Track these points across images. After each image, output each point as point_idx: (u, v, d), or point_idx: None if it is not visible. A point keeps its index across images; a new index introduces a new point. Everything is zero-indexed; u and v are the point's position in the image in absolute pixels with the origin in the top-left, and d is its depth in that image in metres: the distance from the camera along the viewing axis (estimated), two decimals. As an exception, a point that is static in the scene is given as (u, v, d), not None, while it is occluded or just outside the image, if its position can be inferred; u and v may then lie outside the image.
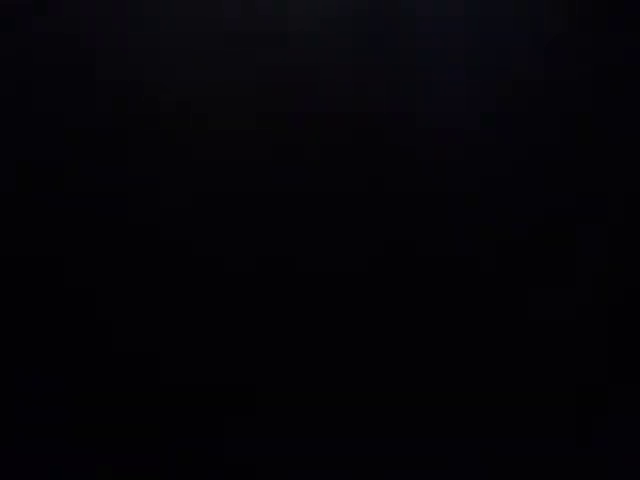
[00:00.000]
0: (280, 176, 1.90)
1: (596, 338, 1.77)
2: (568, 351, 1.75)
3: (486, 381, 1.73)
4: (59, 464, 1.64)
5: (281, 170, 1.91)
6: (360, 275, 1.81)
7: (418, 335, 1.77)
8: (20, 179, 1.88)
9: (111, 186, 1.88)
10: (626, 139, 1.94)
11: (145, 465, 1.65)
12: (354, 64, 1.99)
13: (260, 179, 1.90)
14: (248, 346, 1.75)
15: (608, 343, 1.77)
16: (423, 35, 2.00)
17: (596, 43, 1.99)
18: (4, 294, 1.78)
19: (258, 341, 1.76)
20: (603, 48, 1.99)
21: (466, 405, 1.70)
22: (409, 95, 1.97)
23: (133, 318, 1.77)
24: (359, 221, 1.86)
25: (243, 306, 1.79)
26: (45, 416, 1.68)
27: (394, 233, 1.85)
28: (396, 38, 2.00)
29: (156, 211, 1.86)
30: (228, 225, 1.86)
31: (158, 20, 2.00)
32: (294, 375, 1.73)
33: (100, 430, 1.67)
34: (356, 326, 1.77)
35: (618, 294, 1.80)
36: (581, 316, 1.78)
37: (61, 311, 1.77)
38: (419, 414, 1.69)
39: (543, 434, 1.68)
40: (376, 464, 1.66)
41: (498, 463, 1.66)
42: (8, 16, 1.97)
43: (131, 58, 1.97)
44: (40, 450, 1.65)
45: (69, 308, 1.77)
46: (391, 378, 1.73)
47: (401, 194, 1.88)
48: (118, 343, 1.74)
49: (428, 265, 1.81)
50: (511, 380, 1.73)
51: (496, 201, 1.88)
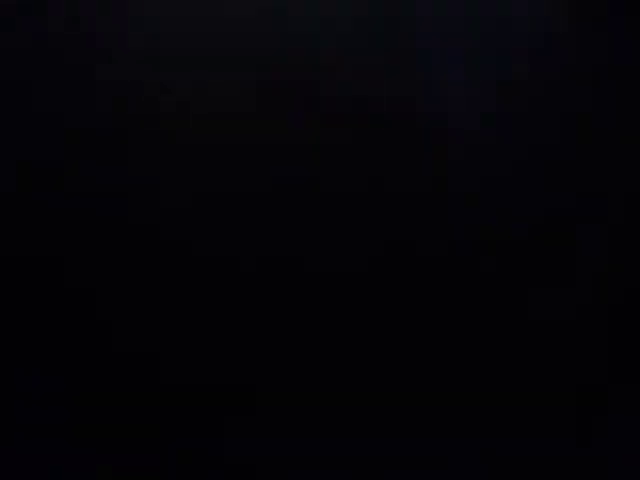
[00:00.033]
0: (280, 176, 1.90)
1: (596, 338, 1.77)
2: (568, 351, 1.75)
3: (486, 381, 1.73)
4: (59, 464, 1.64)
5: (281, 170, 1.91)
6: (360, 275, 1.81)
7: (418, 335, 1.77)
8: (20, 179, 1.88)
9: (111, 186, 1.88)
10: (626, 139, 1.94)
11: (145, 465, 1.65)
12: (354, 64, 1.99)
13: (260, 179, 1.90)
14: (248, 346, 1.75)
15: (608, 343, 1.77)
16: (423, 35, 2.00)
17: (596, 43, 1.99)
18: (4, 294, 1.78)
19: (258, 341, 1.76)
20: (603, 48, 1.99)
21: (466, 405, 1.70)
22: (409, 95, 1.97)
23: (133, 318, 1.77)
24: (359, 221, 1.86)
25: (243, 306, 1.79)
26: (45, 416, 1.68)
27: (394, 233, 1.85)
28: (396, 38, 2.00)
29: (156, 211, 1.86)
30: (228, 225, 1.86)
31: (158, 20, 2.00)
32: (294, 375, 1.73)
33: (100, 430, 1.67)
34: (356, 326, 1.77)
35: (618, 294, 1.80)
36: (581, 316, 1.78)
37: (61, 311, 1.77)
38: (419, 414, 1.69)
39: (543, 434, 1.68)
40: (376, 464, 1.66)
41: (498, 463, 1.66)
42: (8, 16, 1.97)
43: (131, 58, 1.97)
44: (40, 450, 1.65)
45: (69, 308, 1.77)
46: (391, 378, 1.73)
47: (401, 194, 1.88)
48: (118, 343, 1.74)
49: (428, 265, 1.81)
50: (511, 380, 1.73)
51: (496, 201, 1.88)
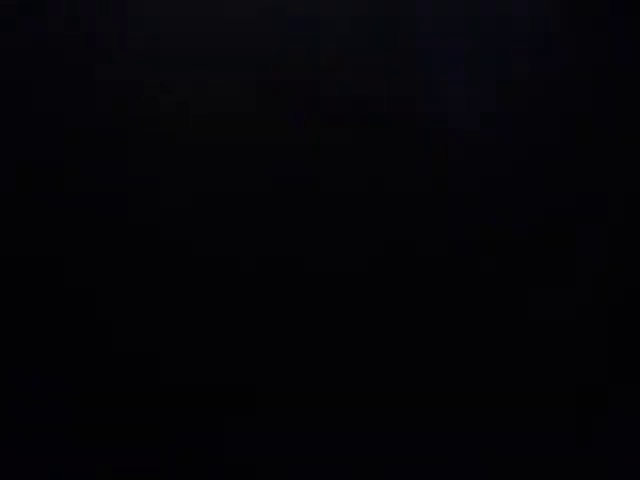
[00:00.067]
0: (280, 176, 1.90)
1: (596, 338, 1.77)
2: (568, 351, 1.75)
3: (486, 381, 1.73)
4: (59, 464, 1.64)
5: (281, 170, 1.91)
6: (360, 275, 1.81)
7: (418, 335, 1.77)
8: (20, 179, 1.88)
9: (111, 186, 1.88)
10: (626, 139, 1.94)
11: (145, 465, 1.65)
12: (354, 64, 1.99)
13: (260, 179, 1.90)
14: (248, 346, 1.75)
15: (608, 343, 1.77)
16: (423, 35, 2.00)
17: (596, 43, 1.99)
18: (4, 294, 1.78)
19: (258, 341, 1.76)
20: (603, 48, 1.99)
21: (466, 405, 1.70)
22: (409, 95, 1.97)
23: (133, 318, 1.77)
24: (359, 221, 1.86)
25: (243, 306, 1.79)
26: (45, 416, 1.68)
27: (394, 233, 1.85)
28: (396, 38, 2.00)
29: (156, 211, 1.86)
30: (228, 225, 1.86)
31: (158, 20, 2.00)
32: (294, 375, 1.73)
33: (100, 430, 1.67)
34: (356, 326, 1.77)
35: (618, 294, 1.80)
36: (581, 316, 1.78)
37: (61, 311, 1.77)
38: (419, 414, 1.69)
39: (543, 434, 1.68)
40: (376, 464, 1.66)
41: (498, 463, 1.66)
42: (8, 16, 1.97)
43: (131, 58, 1.97)
44: (40, 450, 1.65)
45: (69, 308, 1.77)
46: (391, 378, 1.73)
47: (401, 194, 1.88)
48: (118, 343, 1.74)
49: (428, 265, 1.81)
50: (511, 380, 1.73)
51: (496, 201, 1.88)
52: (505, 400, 1.71)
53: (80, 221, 1.84)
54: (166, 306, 1.78)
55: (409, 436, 1.68)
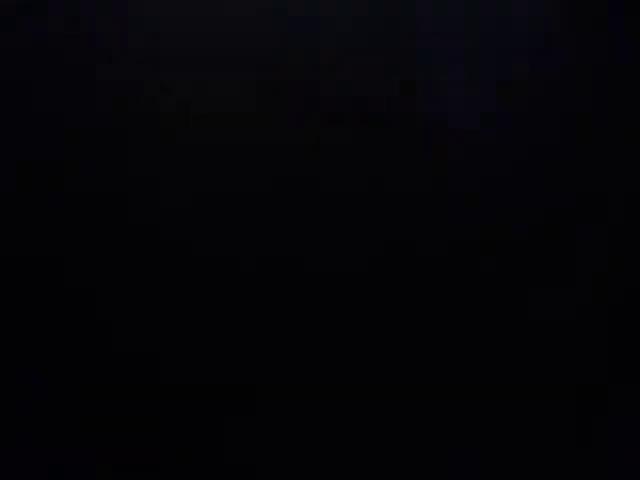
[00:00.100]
0: (280, 176, 1.90)
1: (596, 338, 1.77)
2: (568, 351, 1.75)
3: (486, 381, 1.73)
4: (59, 464, 1.64)
5: (281, 170, 1.91)
6: (360, 275, 1.81)
7: (418, 335, 1.77)
8: (20, 179, 1.88)
9: (111, 186, 1.88)
10: (626, 139, 1.94)
11: (145, 465, 1.65)
12: (354, 64, 1.99)
13: (260, 179, 1.90)
14: (248, 346, 1.75)
15: (608, 343, 1.77)
16: (423, 35, 2.00)
17: (596, 43, 1.99)
18: (4, 294, 1.78)
19: (258, 341, 1.76)
20: (603, 48, 1.99)
21: (466, 405, 1.70)
22: (409, 95, 1.97)
23: (133, 318, 1.77)
24: (359, 221, 1.86)
25: (243, 306, 1.79)
26: (45, 416, 1.68)
27: (394, 233, 1.85)
28: (396, 38, 2.00)
29: (156, 211, 1.86)
30: (228, 225, 1.86)
31: (158, 20, 2.00)
32: (294, 375, 1.73)
33: (100, 430, 1.67)
34: (356, 326, 1.77)
35: (618, 294, 1.80)
36: (581, 316, 1.78)
37: (61, 311, 1.77)
38: (419, 414, 1.69)
39: (543, 434, 1.68)
40: (376, 464, 1.66)
41: (498, 463, 1.66)
42: (8, 16, 1.97)
43: (131, 58, 1.97)
44: (40, 450, 1.65)
45: (69, 308, 1.77)
46: (391, 378, 1.73)
47: (401, 194, 1.88)
48: (118, 343, 1.74)
49: (428, 265, 1.81)
50: (511, 380, 1.73)
51: (496, 201, 1.88)
52: (505, 400, 1.71)
53: (80, 221, 1.84)
54: (166, 306, 1.78)
55: (409, 436, 1.68)
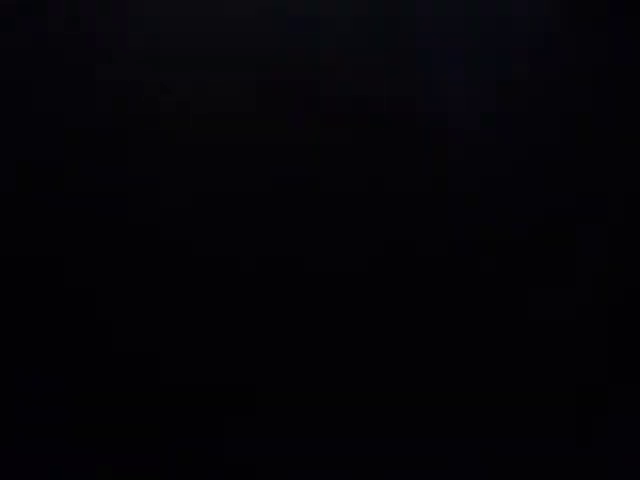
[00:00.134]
0: (280, 176, 1.90)
1: (596, 338, 1.77)
2: (568, 351, 1.75)
3: (486, 381, 1.73)
4: (59, 464, 1.64)
5: (281, 170, 1.91)
6: (360, 275, 1.81)
7: (418, 335, 1.77)
8: (20, 179, 1.88)
9: (111, 186, 1.88)
10: (626, 139, 1.94)
11: (145, 465, 1.65)
12: (354, 64, 1.99)
13: (260, 179, 1.90)
14: (248, 346, 1.75)
15: (608, 343, 1.77)
16: (423, 35, 2.00)
17: (596, 43, 1.99)
18: (4, 294, 1.78)
19: (258, 341, 1.76)
20: (603, 48, 1.99)
21: (466, 405, 1.70)
22: (409, 95, 1.97)
23: (133, 318, 1.77)
24: (359, 221, 1.86)
25: (243, 306, 1.79)
26: (45, 416, 1.68)
27: (394, 233, 1.85)
28: (396, 38, 2.00)
29: (156, 211, 1.86)
30: (228, 225, 1.86)
31: (158, 20, 2.00)
32: (294, 375, 1.73)
33: (100, 430, 1.67)
34: (356, 326, 1.77)
35: (618, 294, 1.80)
36: (581, 316, 1.78)
37: (61, 311, 1.77)
38: (419, 414, 1.69)
39: (543, 434, 1.68)
40: (376, 464, 1.66)
41: (498, 463, 1.66)
42: (8, 16, 1.97)
43: (131, 58, 1.97)
44: (40, 450, 1.65)
45: (69, 308, 1.77)
46: (391, 378, 1.73)
47: (401, 194, 1.88)
48: (118, 343, 1.74)
49: (428, 265, 1.81)
50: (511, 380, 1.73)
51: (496, 201, 1.88)
52: (505, 400, 1.71)
53: (80, 221, 1.84)
54: (166, 306, 1.78)
55: (409, 436, 1.68)
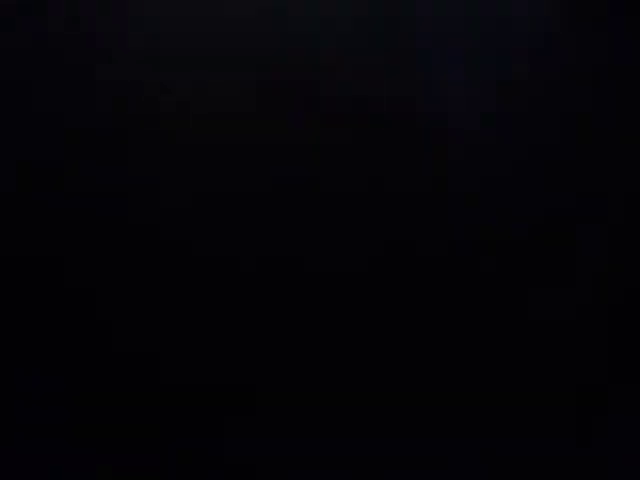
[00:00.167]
0: (280, 176, 1.90)
1: (596, 338, 1.77)
2: (568, 351, 1.75)
3: (486, 381, 1.72)
4: (59, 464, 1.64)
5: (281, 170, 1.91)
6: (360, 275, 1.81)
7: (418, 335, 1.77)
8: (20, 179, 1.88)
9: (111, 186, 1.88)
10: (626, 139, 1.94)
11: (145, 465, 1.65)
12: (354, 64, 1.99)
13: (260, 179, 1.90)
14: (248, 346, 1.75)
15: (608, 343, 1.77)
16: (423, 35, 2.00)
17: (596, 43, 1.99)
18: (4, 294, 1.78)
19: (258, 341, 1.76)
20: (603, 48, 1.99)
21: (466, 405, 1.70)
22: (409, 95, 1.97)
23: (133, 318, 1.77)
24: (359, 221, 1.86)
25: (243, 306, 1.79)
26: (45, 416, 1.68)
27: (394, 233, 1.85)
28: (396, 38, 2.00)
29: (156, 211, 1.86)
30: (228, 225, 1.86)
31: (158, 20, 2.00)
32: (294, 375, 1.73)
33: (100, 430, 1.67)
34: (356, 326, 1.77)
35: (618, 294, 1.80)
36: (581, 316, 1.78)
37: (61, 311, 1.77)
38: (419, 414, 1.69)
39: (543, 434, 1.68)
40: (376, 464, 1.66)
41: (498, 463, 1.66)
42: (8, 16, 1.97)
43: (131, 58, 1.97)
44: (40, 450, 1.65)
45: (69, 308, 1.77)
46: (391, 378, 1.73)
47: (401, 194, 1.88)
48: (118, 343, 1.74)
49: (428, 265, 1.81)
50: (511, 380, 1.73)
51: (496, 201, 1.88)
52: (505, 400, 1.71)
53: (80, 221, 1.84)
54: (166, 306, 1.78)
55: (409, 436, 1.68)
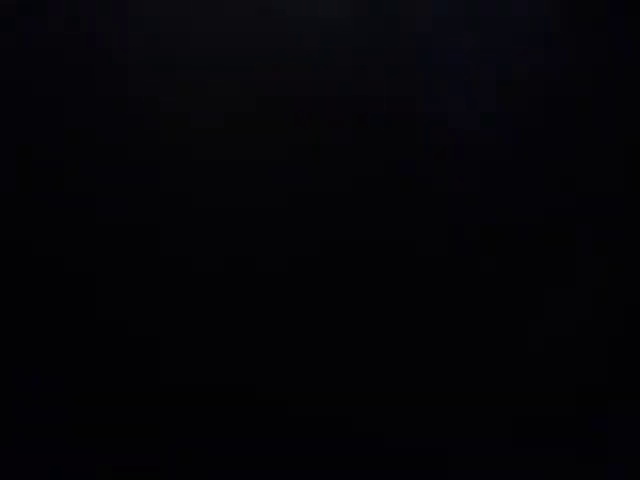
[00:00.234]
0: (280, 176, 1.90)
1: (596, 338, 1.77)
2: (568, 351, 1.75)
3: (486, 381, 1.73)
4: (59, 464, 1.64)
5: (281, 170, 1.91)
6: (360, 275, 1.81)
7: (418, 335, 1.77)
8: (20, 179, 1.88)
9: (111, 186, 1.88)
10: (626, 139, 1.94)
11: (145, 465, 1.65)
12: (354, 64, 1.99)
13: (260, 179, 1.90)
14: (248, 346, 1.75)
15: (608, 343, 1.77)
16: (423, 35, 2.00)
17: (596, 43, 1.99)
18: (4, 294, 1.78)
19: (258, 341, 1.76)
20: (603, 48, 1.99)
21: (466, 405, 1.70)
22: (409, 95, 1.97)
23: (133, 318, 1.77)
24: (359, 221, 1.86)
25: (243, 306, 1.79)
26: (45, 416, 1.68)
27: (394, 233, 1.85)
28: (396, 38, 2.00)
29: (156, 211, 1.86)
30: (228, 225, 1.86)
31: (158, 20, 2.00)
32: (294, 375, 1.73)
33: (100, 430, 1.67)
34: (356, 326, 1.77)
35: (618, 294, 1.80)
36: (581, 316, 1.78)
37: (61, 311, 1.77)
38: (419, 414, 1.69)
39: (543, 434, 1.68)
40: (376, 464, 1.66)
41: (498, 463, 1.66)
42: (8, 16, 1.97)
43: (131, 58, 1.97)
44: (40, 450, 1.65)
45: (69, 308, 1.77)
46: (391, 378, 1.73)
47: (401, 194, 1.88)
48: (118, 343, 1.74)
49: (428, 265, 1.81)
50: (511, 380, 1.73)
51: (496, 201, 1.88)
52: (505, 400, 1.71)
53: (80, 221, 1.84)
54: (166, 306, 1.78)
55: (409, 436, 1.68)
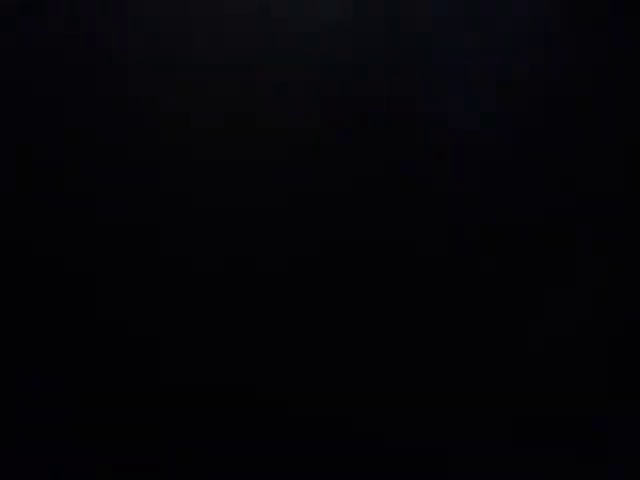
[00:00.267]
0: (280, 176, 1.90)
1: (596, 338, 1.77)
2: (568, 351, 1.75)
3: (486, 381, 1.73)
4: (59, 464, 1.64)
5: (281, 170, 1.91)
6: (360, 275, 1.81)
7: (418, 335, 1.77)
8: (20, 179, 1.88)
9: (111, 186, 1.88)
10: (626, 139, 1.94)
11: (145, 465, 1.65)
12: (353, 64, 1.99)
13: (260, 179, 1.90)
14: (248, 346, 1.75)
15: (608, 343, 1.77)
16: (423, 35, 2.00)
17: (596, 43, 1.99)
18: (4, 294, 1.78)
19: (258, 341, 1.76)
20: (603, 48, 1.99)
21: (466, 405, 1.70)
22: (409, 95, 1.97)
23: (133, 318, 1.77)
24: (359, 221, 1.86)
25: (243, 306, 1.79)
26: (45, 416, 1.68)
27: (394, 233, 1.85)
28: (396, 38, 2.00)
29: (156, 211, 1.86)
30: (228, 225, 1.86)
31: (158, 20, 2.00)
32: (294, 375, 1.73)
33: (100, 430, 1.67)
34: (356, 326, 1.77)
35: (618, 294, 1.80)
36: (581, 316, 1.78)
37: (61, 311, 1.77)
38: (419, 414, 1.69)
39: (543, 434, 1.68)
40: (376, 464, 1.66)
41: (498, 463, 1.66)
42: (8, 16, 1.97)
43: (131, 58, 1.97)
44: (40, 450, 1.65)
45: (69, 308, 1.77)
46: (391, 378, 1.73)
47: (401, 194, 1.88)
48: (118, 343, 1.74)
49: (428, 265, 1.81)
50: (511, 380, 1.73)
51: (496, 201, 1.88)
52: (505, 400, 1.71)
53: (80, 221, 1.84)
54: (166, 306, 1.78)
55: (409, 436, 1.68)
